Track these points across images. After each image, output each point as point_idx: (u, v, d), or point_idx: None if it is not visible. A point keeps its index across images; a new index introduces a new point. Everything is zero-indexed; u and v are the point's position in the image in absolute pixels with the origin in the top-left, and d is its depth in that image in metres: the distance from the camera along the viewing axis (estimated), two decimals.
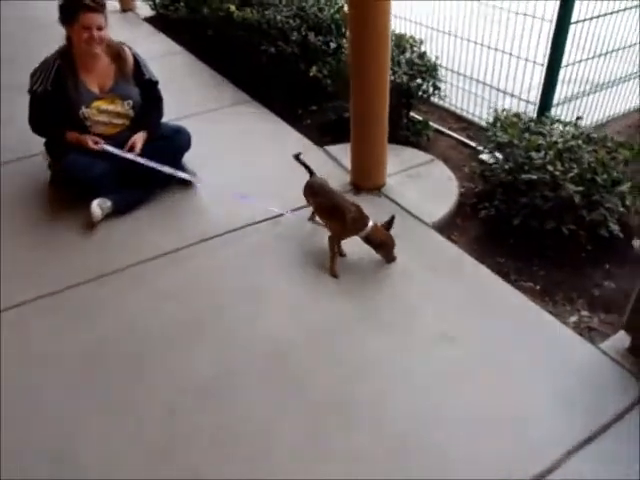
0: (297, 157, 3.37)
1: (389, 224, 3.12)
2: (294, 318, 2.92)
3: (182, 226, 3.62)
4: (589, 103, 4.43)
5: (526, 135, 3.33)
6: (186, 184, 3.96)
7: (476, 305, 2.96)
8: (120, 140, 3.72)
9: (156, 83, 3.89)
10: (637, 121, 4.90)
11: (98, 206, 3.55)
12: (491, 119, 3.82)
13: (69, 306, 3.03)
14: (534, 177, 3.00)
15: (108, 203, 3.62)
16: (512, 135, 3.26)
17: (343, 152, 4.32)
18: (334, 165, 4.19)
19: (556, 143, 3.17)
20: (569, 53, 3.88)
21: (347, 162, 4.11)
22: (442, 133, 4.73)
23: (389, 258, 3.18)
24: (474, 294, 3.02)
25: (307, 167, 3.36)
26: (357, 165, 3.87)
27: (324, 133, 4.79)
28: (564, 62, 3.88)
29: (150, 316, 2.95)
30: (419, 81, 4.26)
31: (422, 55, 4.33)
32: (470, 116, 4.79)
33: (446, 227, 3.64)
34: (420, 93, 4.31)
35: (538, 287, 3.22)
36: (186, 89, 5.40)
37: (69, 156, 3.62)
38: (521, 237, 3.49)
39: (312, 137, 4.68)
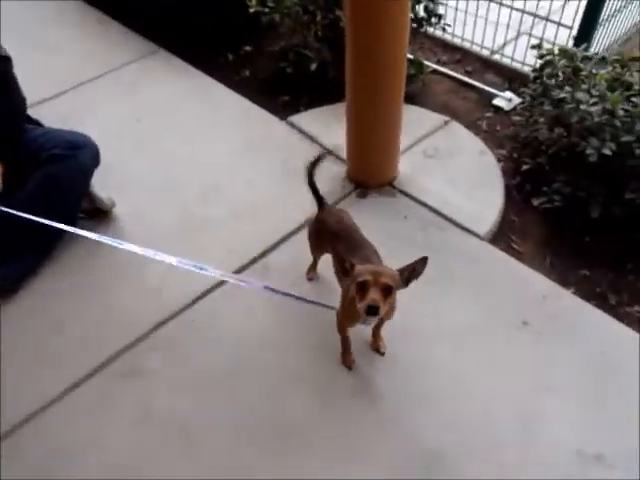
0: (317, 161, 2.09)
1: (410, 275, 1.63)
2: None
3: (110, 302, 2.28)
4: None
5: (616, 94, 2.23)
6: (101, 215, 2.57)
7: (606, 383, 1.99)
8: None
9: (4, 60, 2.28)
10: None
11: None
12: (536, 62, 2.67)
13: None
14: None
15: None
16: (615, 101, 2.15)
17: (320, 124, 3.03)
18: (314, 149, 2.90)
19: None
20: None
21: (333, 141, 2.85)
22: (435, 72, 3.50)
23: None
24: (594, 363, 2.04)
25: (314, 189, 2.10)
26: (359, 154, 2.63)
27: (275, 90, 3.41)
28: None
29: None
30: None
31: None
32: (467, 44, 3.56)
33: (501, 231, 2.58)
34: (414, 25, 3.01)
35: None
36: (58, 45, 3.64)
37: None
38: (598, 231, 2.53)
39: (260, 100, 3.30)
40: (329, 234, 1.95)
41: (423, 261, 1.60)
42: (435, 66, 3.47)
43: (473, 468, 1.78)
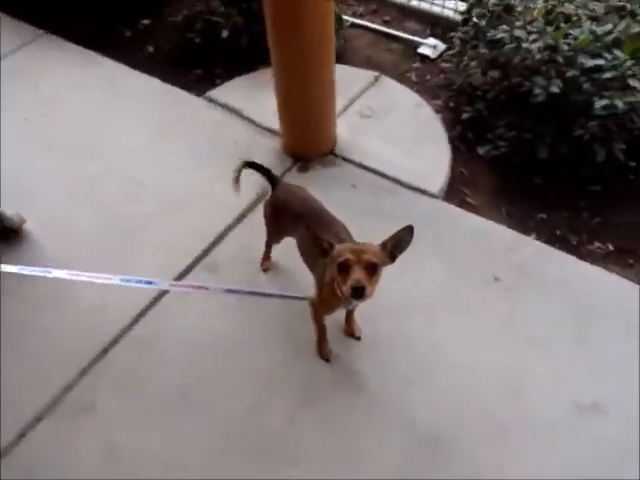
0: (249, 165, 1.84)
1: (394, 248, 1.49)
2: None
3: (47, 330, 1.97)
4: None
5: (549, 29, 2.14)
6: (12, 235, 2.23)
7: (586, 328, 1.95)
8: None
9: None
10: None
11: None
12: (456, 4, 2.54)
13: None
14: (619, 104, 1.89)
15: None
16: (557, 36, 2.04)
17: (242, 95, 2.77)
18: (240, 124, 2.65)
19: (610, 33, 2.05)
20: None
21: (261, 113, 2.62)
22: (353, 25, 3.29)
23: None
24: (571, 309, 1.99)
25: (263, 169, 1.88)
26: (294, 124, 2.41)
27: (185, 65, 3.09)
28: None
29: None
30: None
31: None
32: None
33: (452, 186, 2.47)
34: None
35: (611, 247, 2.30)
36: None
37: None
38: (547, 171, 2.48)
39: (170, 77, 2.98)
40: (290, 215, 1.75)
41: (408, 230, 1.44)
42: (353, 19, 3.27)
43: (476, 441, 1.69)
